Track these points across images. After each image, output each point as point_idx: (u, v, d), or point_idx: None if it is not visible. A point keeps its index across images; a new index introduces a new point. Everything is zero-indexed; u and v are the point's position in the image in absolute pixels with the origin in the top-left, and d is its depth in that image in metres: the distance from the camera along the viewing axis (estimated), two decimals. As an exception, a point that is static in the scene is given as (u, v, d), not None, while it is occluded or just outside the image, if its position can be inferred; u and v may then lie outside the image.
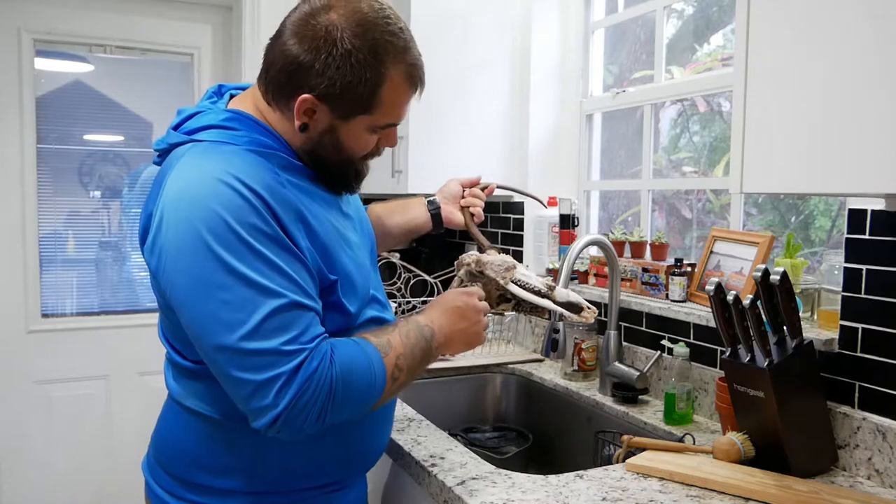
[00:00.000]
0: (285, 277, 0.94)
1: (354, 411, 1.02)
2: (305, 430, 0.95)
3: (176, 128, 1.09)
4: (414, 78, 1.07)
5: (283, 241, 0.96)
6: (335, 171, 1.11)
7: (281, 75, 1.02)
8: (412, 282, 2.46)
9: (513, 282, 1.21)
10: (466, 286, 1.21)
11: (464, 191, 1.46)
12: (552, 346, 2.07)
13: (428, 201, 1.45)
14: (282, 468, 1.08)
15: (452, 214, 1.44)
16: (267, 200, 0.95)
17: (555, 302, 1.22)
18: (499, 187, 1.50)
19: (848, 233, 1.33)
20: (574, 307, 1.23)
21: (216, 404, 1.06)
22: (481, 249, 1.31)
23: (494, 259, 1.23)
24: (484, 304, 1.18)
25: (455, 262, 1.29)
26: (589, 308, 1.24)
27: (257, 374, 0.91)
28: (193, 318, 0.94)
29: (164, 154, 1.09)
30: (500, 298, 1.23)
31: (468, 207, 1.44)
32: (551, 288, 1.23)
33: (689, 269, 1.77)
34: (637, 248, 1.94)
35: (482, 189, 1.46)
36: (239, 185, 0.94)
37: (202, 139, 1.03)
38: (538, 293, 1.21)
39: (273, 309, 0.92)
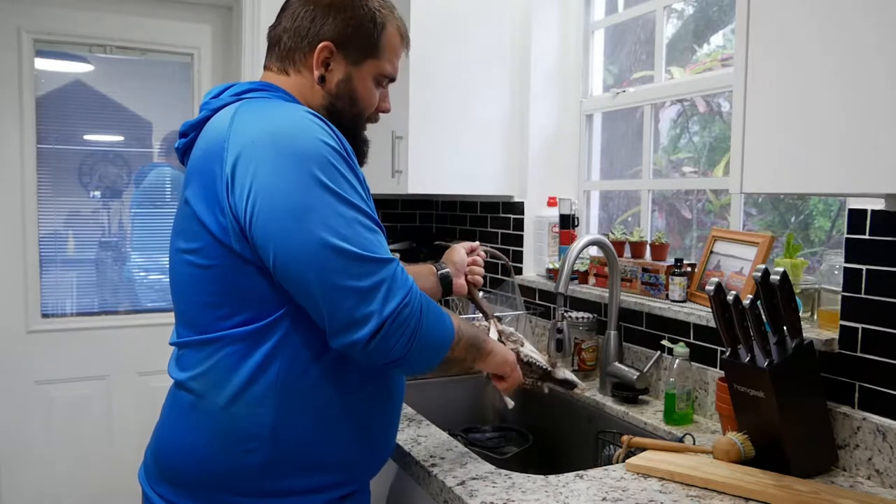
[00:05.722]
0: (366, 203, 1.05)
1: (429, 356, 1.08)
2: (395, 351, 1.01)
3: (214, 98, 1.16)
4: (403, 32, 1.23)
5: (359, 173, 1.07)
6: (349, 129, 1.18)
7: (297, 35, 1.16)
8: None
9: (520, 359, 1.35)
10: None
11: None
12: (557, 347, 2.07)
13: (440, 274, 1.43)
14: (299, 466, 1.06)
15: (461, 288, 1.45)
16: (341, 139, 1.06)
17: (554, 380, 1.41)
18: (491, 258, 1.58)
19: (848, 233, 1.33)
20: (568, 384, 1.41)
21: (230, 380, 1.04)
22: (486, 317, 1.43)
23: (506, 330, 1.40)
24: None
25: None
26: (579, 386, 1.43)
27: (361, 281, 0.98)
28: (300, 243, 0.98)
29: (194, 128, 1.15)
30: None
31: (471, 277, 1.46)
32: (554, 364, 1.41)
33: (689, 269, 1.77)
34: (637, 249, 1.94)
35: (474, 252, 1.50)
36: (322, 121, 1.05)
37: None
38: (542, 370, 1.38)
39: (368, 224, 1.02)
